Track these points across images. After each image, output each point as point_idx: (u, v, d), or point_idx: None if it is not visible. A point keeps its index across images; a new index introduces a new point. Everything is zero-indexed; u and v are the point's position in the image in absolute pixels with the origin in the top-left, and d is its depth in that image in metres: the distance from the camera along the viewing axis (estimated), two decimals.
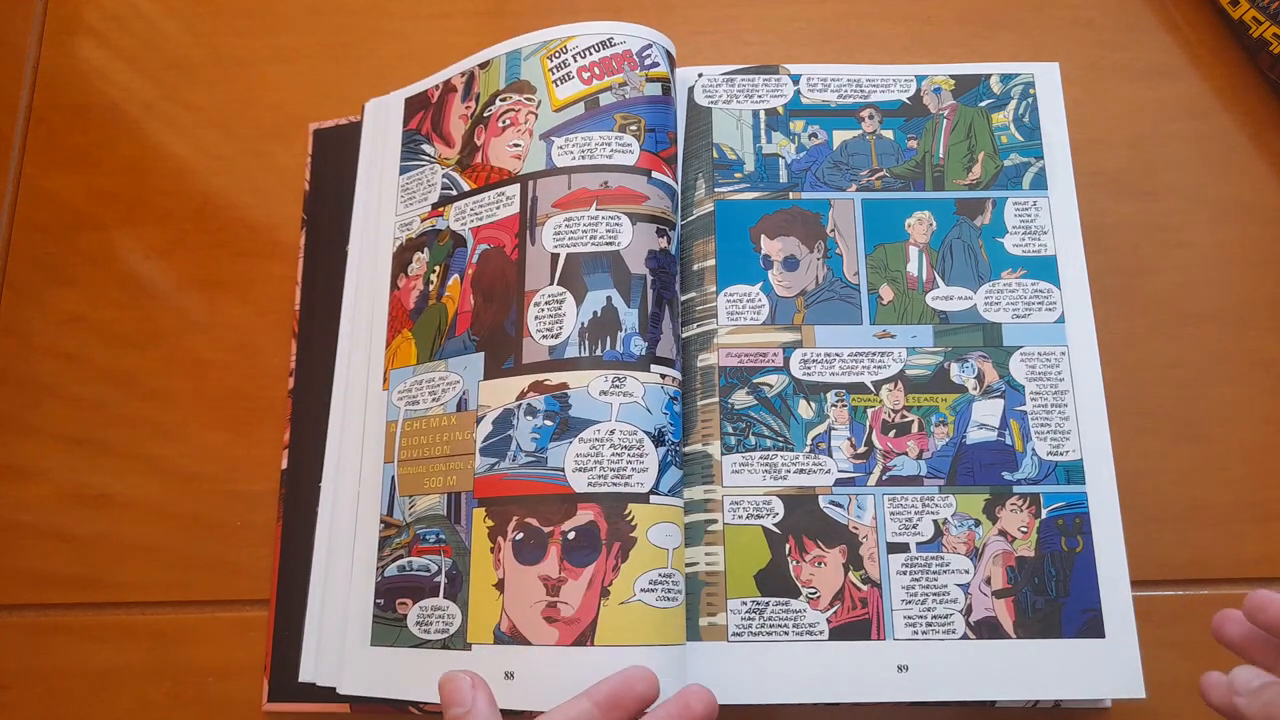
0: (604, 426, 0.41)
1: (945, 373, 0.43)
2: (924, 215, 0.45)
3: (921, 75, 0.48)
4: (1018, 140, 0.46)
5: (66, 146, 0.55)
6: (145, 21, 0.57)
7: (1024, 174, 0.46)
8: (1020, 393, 0.43)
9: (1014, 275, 0.44)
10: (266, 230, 0.52)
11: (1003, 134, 0.46)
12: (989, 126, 0.47)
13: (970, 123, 0.47)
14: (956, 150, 0.46)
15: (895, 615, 0.38)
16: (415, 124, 0.50)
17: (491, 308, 0.44)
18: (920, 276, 0.45)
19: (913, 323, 0.44)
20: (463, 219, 0.46)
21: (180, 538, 0.48)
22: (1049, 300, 0.44)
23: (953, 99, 0.47)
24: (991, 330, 0.44)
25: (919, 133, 0.47)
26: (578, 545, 0.39)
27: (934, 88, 0.48)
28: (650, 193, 0.44)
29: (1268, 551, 0.44)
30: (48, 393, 0.51)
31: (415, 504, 0.43)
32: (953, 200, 0.46)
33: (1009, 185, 0.46)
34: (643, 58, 0.46)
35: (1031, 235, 0.45)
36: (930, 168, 0.46)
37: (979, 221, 0.45)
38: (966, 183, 0.46)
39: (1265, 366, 0.46)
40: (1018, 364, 0.43)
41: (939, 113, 0.47)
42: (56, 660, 0.47)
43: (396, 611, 0.42)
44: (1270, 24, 0.48)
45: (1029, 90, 0.47)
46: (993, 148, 0.46)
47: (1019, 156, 0.46)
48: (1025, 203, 0.45)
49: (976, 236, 0.45)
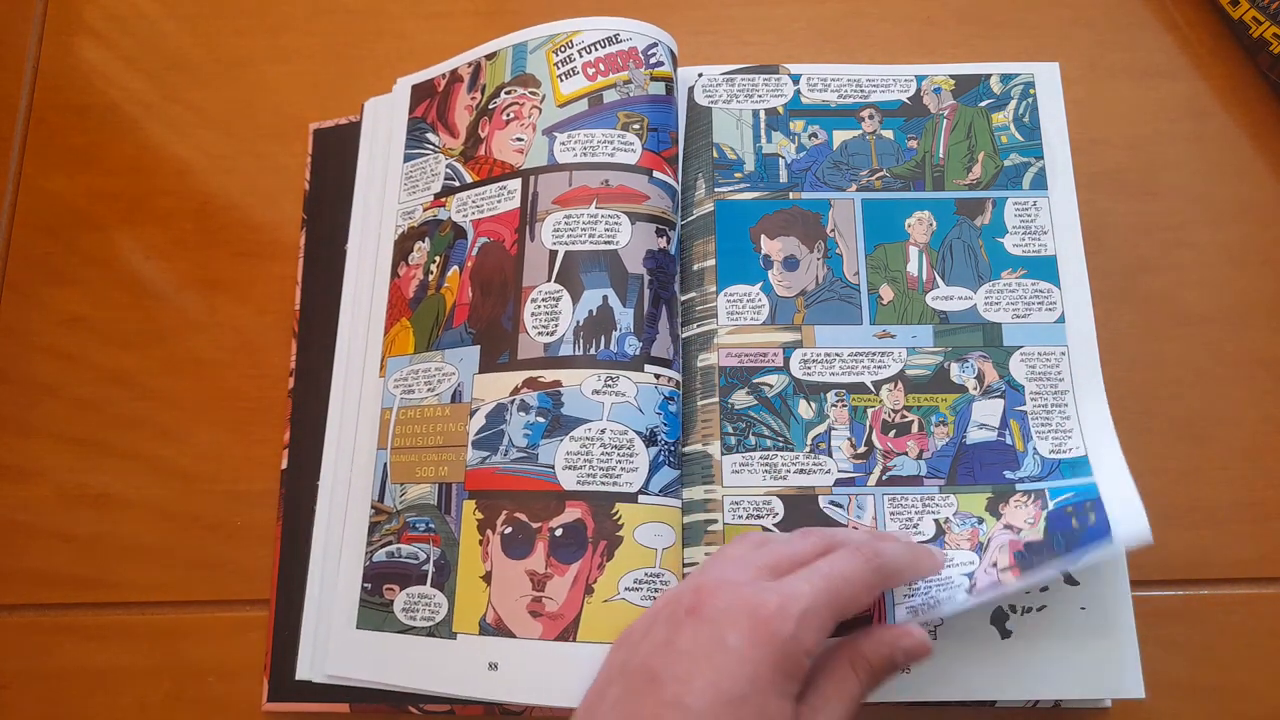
0: (595, 425, 0.41)
1: (945, 373, 0.43)
2: (924, 215, 0.45)
3: (921, 75, 0.48)
4: (1018, 140, 0.46)
5: (66, 146, 0.55)
6: (145, 21, 0.57)
7: (1024, 174, 0.46)
8: (1020, 393, 0.43)
9: (1014, 275, 0.44)
10: (266, 230, 0.52)
11: (1003, 134, 0.46)
12: (989, 126, 0.47)
13: (970, 123, 0.47)
14: (956, 150, 0.46)
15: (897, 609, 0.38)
16: (421, 112, 0.50)
17: (489, 302, 0.44)
18: (920, 276, 0.45)
19: (913, 323, 0.44)
20: (464, 210, 0.46)
21: (180, 538, 0.48)
22: (1049, 300, 0.44)
23: (953, 99, 0.47)
24: (991, 330, 0.43)
25: (919, 133, 0.47)
26: (565, 542, 0.40)
27: (934, 88, 0.48)
28: (651, 192, 0.44)
29: (1268, 551, 0.44)
30: (48, 393, 0.51)
31: (406, 491, 0.43)
32: (953, 200, 0.46)
33: (1009, 185, 0.46)
34: (647, 56, 0.46)
35: (1031, 235, 0.45)
36: (930, 168, 0.46)
37: (979, 221, 0.45)
38: (966, 183, 0.46)
39: (1265, 366, 0.46)
40: (1018, 364, 0.43)
41: (939, 113, 0.47)
42: (56, 660, 0.47)
43: (383, 596, 0.42)
44: (1270, 24, 0.48)
45: (1029, 90, 0.47)
46: (993, 148, 0.46)
47: (1019, 156, 0.46)
48: (1025, 203, 0.45)
49: (976, 236, 0.45)
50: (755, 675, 0.30)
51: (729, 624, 0.31)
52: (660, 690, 0.30)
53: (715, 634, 0.31)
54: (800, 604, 0.31)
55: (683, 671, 0.30)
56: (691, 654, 0.31)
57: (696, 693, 0.30)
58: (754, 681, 0.30)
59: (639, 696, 0.31)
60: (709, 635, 0.31)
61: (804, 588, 0.32)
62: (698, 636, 0.31)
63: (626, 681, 0.32)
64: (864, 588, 0.33)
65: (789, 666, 0.31)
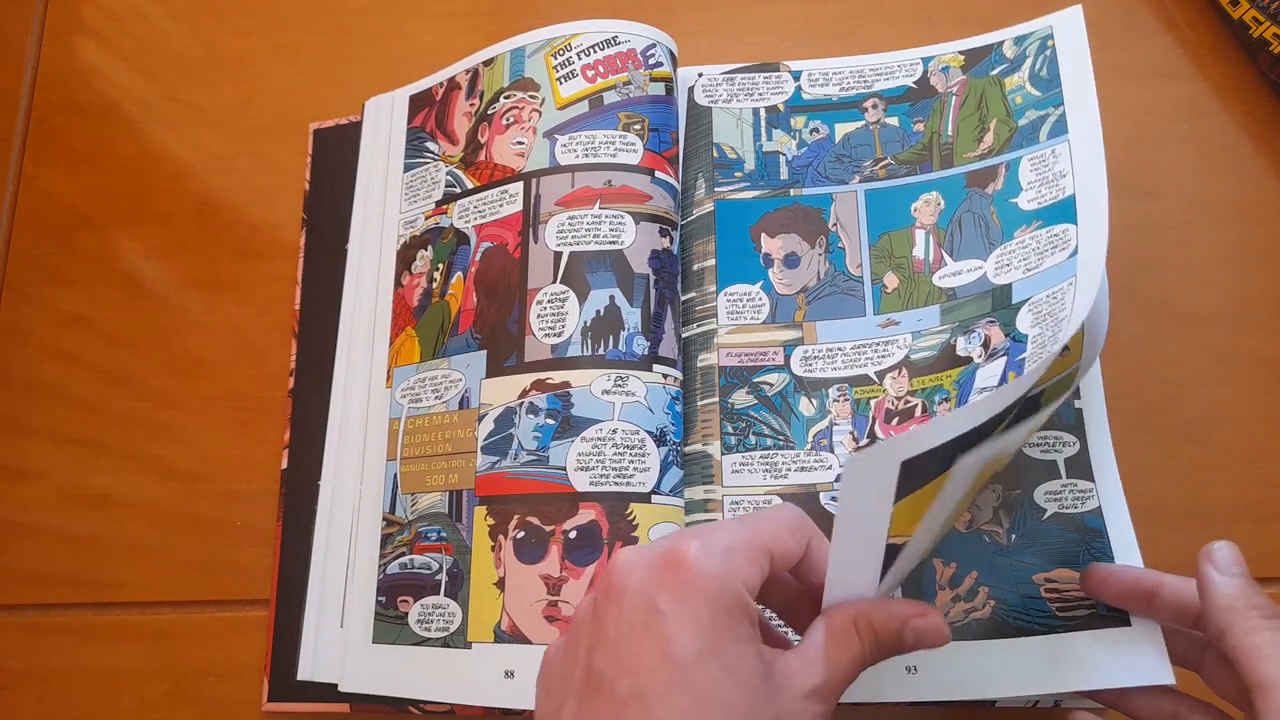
0: (606, 426, 0.41)
1: (951, 349, 0.41)
2: (931, 196, 0.44)
3: (928, 56, 0.47)
4: (1034, 96, 0.43)
5: (66, 146, 0.55)
6: (145, 21, 0.57)
7: (1041, 127, 0.42)
8: (1023, 343, 0.39)
9: (1029, 230, 0.41)
10: (266, 230, 0.52)
11: (1017, 95, 0.44)
12: (1002, 93, 0.44)
13: (981, 93, 0.45)
14: (966, 124, 0.45)
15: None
16: (419, 121, 0.50)
17: (494, 306, 0.44)
18: (927, 259, 0.43)
19: (919, 306, 0.42)
20: (466, 216, 0.46)
21: (180, 538, 0.48)
22: (1064, 240, 0.40)
23: (962, 74, 0.46)
24: (1001, 293, 0.41)
25: (925, 114, 0.46)
26: (579, 544, 0.39)
27: (942, 67, 0.46)
28: (653, 192, 0.44)
29: (1268, 551, 0.44)
30: (48, 393, 0.51)
31: (417, 501, 0.43)
32: (962, 175, 0.44)
33: (1024, 144, 0.43)
34: (646, 57, 0.46)
35: (1049, 184, 0.41)
36: (938, 147, 0.45)
37: (990, 189, 0.43)
38: (978, 153, 0.44)
39: (1265, 366, 0.46)
40: (1024, 316, 0.39)
41: (948, 91, 0.46)
42: (56, 660, 0.47)
43: (398, 609, 0.42)
44: (1270, 24, 0.48)
45: (1046, 44, 0.44)
46: (1005, 112, 0.44)
47: (1035, 112, 0.43)
48: (1042, 154, 0.42)
49: (988, 205, 0.43)
50: (701, 628, 0.27)
51: (654, 587, 0.28)
52: (613, 689, 0.27)
53: (643, 603, 0.28)
54: (719, 539, 0.28)
55: (627, 660, 0.27)
56: (627, 636, 0.27)
57: (648, 674, 0.26)
58: (703, 634, 0.27)
59: (592, 705, 0.27)
60: (637, 606, 0.28)
61: (719, 528, 0.29)
62: (627, 615, 0.28)
63: (576, 697, 0.28)
64: (786, 527, 0.30)
65: (731, 605, 0.27)
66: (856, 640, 0.30)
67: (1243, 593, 0.33)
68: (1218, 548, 0.34)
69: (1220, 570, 0.34)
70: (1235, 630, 0.32)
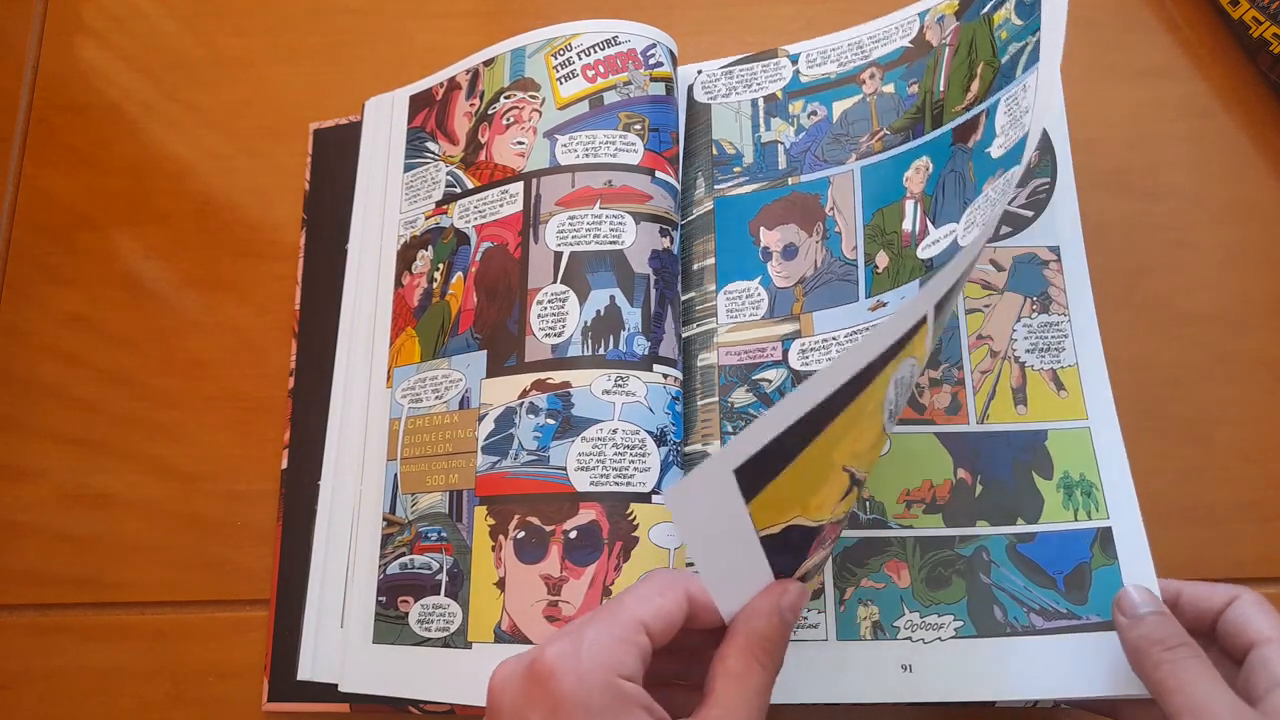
0: (606, 426, 0.41)
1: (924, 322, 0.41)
2: (921, 163, 0.43)
3: (924, 10, 0.46)
4: (1017, 25, 0.40)
5: (66, 146, 0.55)
6: (145, 21, 0.57)
7: (1019, 60, 0.39)
8: None
9: (993, 181, 0.38)
10: (266, 230, 0.52)
11: (1003, 30, 0.41)
12: (990, 32, 0.42)
13: (972, 38, 0.43)
14: (956, 75, 0.43)
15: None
16: (420, 121, 0.50)
17: (494, 306, 0.44)
18: (914, 231, 0.42)
19: (904, 283, 0.42)
20: (466, 216, 0.46)
21: (180, 538, 0.48)
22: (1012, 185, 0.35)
23: (956, 21, 0.45)
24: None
25: (920, 74, 0.45)
26: (579, 544, 0.39)
27: (938, 17, 0.45)
28: (654, 192, 0.44)
29: (1268, 551, 0.44)
30: (48, 393, 0.51)
31: (417, 501, 0.43)
32: (949, 131, 0.42)
33: (1003, 84, 0.40)
34: (647, 57, 0.46)
35: (1016, 124, 0.38)
36: (930, 106, 0.44)
37: (972, 141, 0.41)
38: (965, 105, 0.42)
39: (1265, 366, 0.46)
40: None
41: (942, 43, 0.45)
42: (56, 660, 0.47)
43: (398, 609, 0.42)
44: (1270, 24, 0.48)
45: None
46: (991, 52, 0.41)
47: (1016, 44, 0.40)
48: (1015, 92, 0.39)
49: (968, 160, 0.41)
50: None
51: (525, 707, 0.28)
52: None
53: None
54: (585, 636, 0.28)
55: None
56: None
57: None
58: None
59: None
60: None
61: (583, 623, 0.29)
62: None
63: None
64: (655, 592, 0.30)
65: (607, 702, 0.27)
66: (757, 667, 0.30)
67: (1148, 630, 0.34)
68: (1123, 594, 0.36)
69: (1126, 615, 0.35)
70: (1144, 670, 0.33)
